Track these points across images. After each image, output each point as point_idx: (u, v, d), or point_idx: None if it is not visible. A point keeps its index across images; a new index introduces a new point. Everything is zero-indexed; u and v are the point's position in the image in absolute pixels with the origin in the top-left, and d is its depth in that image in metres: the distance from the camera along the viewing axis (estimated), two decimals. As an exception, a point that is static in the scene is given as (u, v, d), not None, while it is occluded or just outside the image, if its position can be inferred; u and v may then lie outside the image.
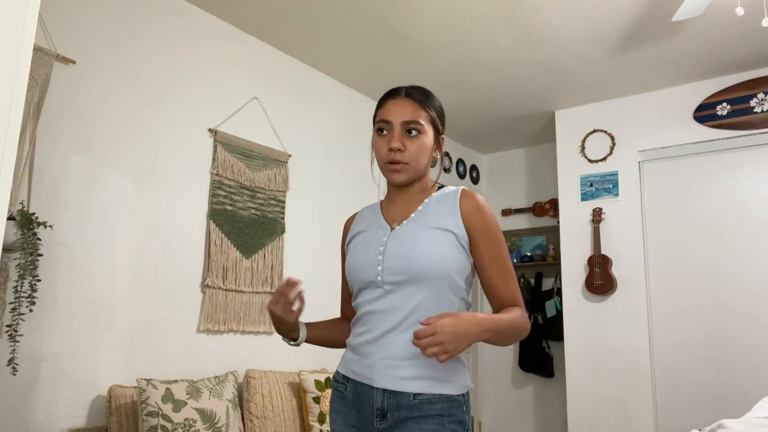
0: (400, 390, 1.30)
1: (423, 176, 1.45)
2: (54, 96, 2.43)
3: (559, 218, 4.41)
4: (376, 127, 1.43)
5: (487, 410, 5.11)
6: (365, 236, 1.45)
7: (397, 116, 1.39)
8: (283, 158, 3.42)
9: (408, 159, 1.38)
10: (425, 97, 1.43)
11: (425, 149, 1.40)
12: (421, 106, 1.41)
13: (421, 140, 1.39)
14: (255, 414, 2.79)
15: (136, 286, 2.66)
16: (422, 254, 1.32)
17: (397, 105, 1.41)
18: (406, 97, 1.42)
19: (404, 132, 1.38)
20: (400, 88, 1.45)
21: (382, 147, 1.40)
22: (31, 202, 2.29)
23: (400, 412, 1.29)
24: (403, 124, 1.38)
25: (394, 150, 1.37)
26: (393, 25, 3.23)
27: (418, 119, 1.39)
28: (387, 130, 1.40)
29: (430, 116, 1.41)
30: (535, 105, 4.35)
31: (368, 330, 1.36)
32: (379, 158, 1.42)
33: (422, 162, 1.40)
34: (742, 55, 3.54)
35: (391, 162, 1.38)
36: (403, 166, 1.38)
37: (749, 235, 3.66)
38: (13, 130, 1.17)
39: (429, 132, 1.41)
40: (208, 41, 3.10)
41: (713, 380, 3.64)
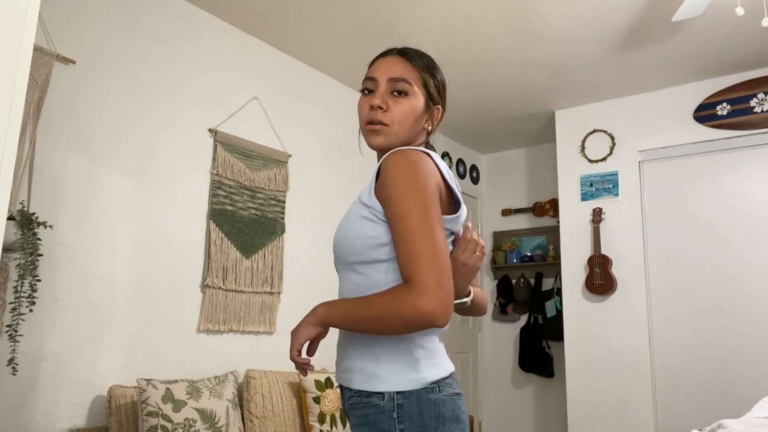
0: (342, 385, 1.15)
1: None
2: (54, 96, 2.43)
3: (559, 218, 4.41)
4: (362, 87, 1.25)
5: (487, 410, 5.11)
6: None
7: (384, 72, 1.22)
8: (283, 158, 3.42)
9: (390, 120, 1.18)
10: (420, 57, 1.25)
11: (411, 113, 1.20)
12: (413, 66, 1.23)
13: (408, 102, 1.20)
14: (255, 414, 2.79)
15: (136, 286, 2.66)
16: (337, 236, 1.16)
17: (386, 62, 1.24)
18: (398, 55, 1.25)
19: (390, 91, 1.20)
20: (395, 48, 1.28)
21: (364, 106, 1.22)
22: (31, 202, 2.29)
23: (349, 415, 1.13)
24: (390, 81, 1.20)
25: (375, 108, 1.19)
26: (393, 25, 3.23)
27: (407, 78, 1.20)
28: (372, 89, 1.22)
29: (422, 77, 1.22)
30: (535, 105, 4.35)
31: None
32: (360, 119, 1.23)
33: (406, 126, 1.20)
34: (742, 55, 3.54)
35: (371, 122, 1.20)
36: (383, 128, 1.19)
37: (749, 235, 3.66)
38: (13, 130, 1.17)
39: (419, 95, 1.21)
40: (208, 41, 3.10)
41: (713, 380, 3.64)
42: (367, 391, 1.06)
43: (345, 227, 1.15)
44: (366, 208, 1.12)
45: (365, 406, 1.06)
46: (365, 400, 1.06)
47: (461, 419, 1.09)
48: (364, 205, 1.13)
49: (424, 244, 1.01)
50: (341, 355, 1.16)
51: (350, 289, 1.14)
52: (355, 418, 1.09)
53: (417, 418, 1.03)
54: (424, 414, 1.04)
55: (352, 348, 1.12)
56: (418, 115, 1.22)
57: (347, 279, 1.16)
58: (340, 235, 1.16)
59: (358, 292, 1.12)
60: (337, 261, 1.19)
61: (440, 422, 1.05)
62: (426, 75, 1.24)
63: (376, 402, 1.05)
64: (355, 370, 1.10)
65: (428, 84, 1.24)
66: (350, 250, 1.12)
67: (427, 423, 1.03)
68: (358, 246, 1.11)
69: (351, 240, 1.12)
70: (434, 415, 1.04)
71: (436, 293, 0.97)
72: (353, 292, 1.13)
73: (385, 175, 1.09)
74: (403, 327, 0.99)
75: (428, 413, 1.04)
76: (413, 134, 1.23)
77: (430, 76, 1.25)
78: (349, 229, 1.13)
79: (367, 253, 1.11)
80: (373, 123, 1.19)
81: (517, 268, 5.02)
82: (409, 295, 0.98)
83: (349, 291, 1.14)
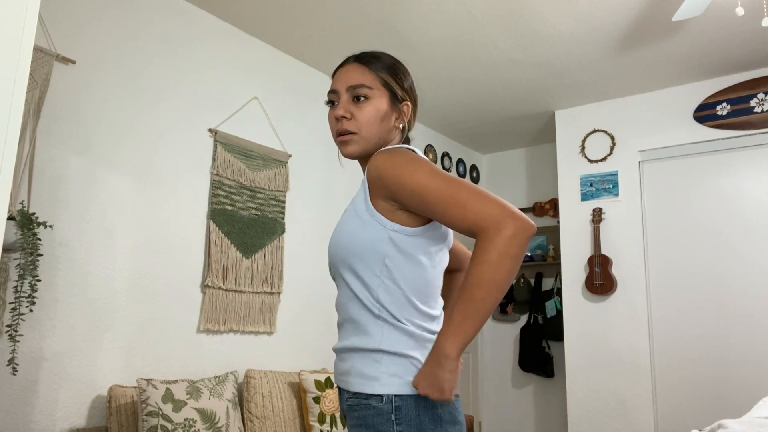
0: (341, 387, 1.15)
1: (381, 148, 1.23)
2: (54, 96, 2.43)
3: (559, 218, 4.41)
4: (326, 100, 1.28)
5: (487, 410, 5.11)
6: None
7: (342, 82, 1.24)
8: (283, 158, 3.42)
9: (356, 128, 1.20)
10: (376, 59, 1.26)
11: (376, 115, 1.21)
12: (370, 69, 1.24)
13: (371, 105, 1.21)
14: (255, 414, 2.79)
15: (136, 286, 2.66)
16: (337, 243, 1.16)
17: (343, 71, 1.26)
18: (355, 62, 1.27)
19: (351, 99, 1.22)
20: (351, 56, 1.30)
21: (331, 119, 1.25)
22: (31, 202, 2.29)
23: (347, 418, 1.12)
24: (348, 89, 1.22)
25: (339, 119, 1.22)
26: (393, 25, 3.23)
27: (365, 83, 1.22)
28: (335, 100, 1.25)
29: (381, 79, 1.23)
30: (535, 105, 4.35)
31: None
32: (332, 132, 1.25)
33: (373, 129, 1.21)
34: (742, 55, 3.54)
35: (340, 134, 1.22)
36: (352, 137, 1.21)
37: (749, 235, 3.66)
38: (13, 130, 1.17)
39: (380, 96, 1.22)
40: (208, 41, 3.10)
41: (713, 380, 3.64)
42: (365, 393, 1.06)
43: (341, 232, 1.16)
44: (355, 212, 1.15)
45: (363, 408, 1.06)
46: (363, 402, 1.06)
47: (458, 420, 1.10)
48: (355, 209, 1.16)
49: (462, 194, 1.02)
50: (340, 356, 1.17)
51: (348, 297, 1.15)
52: (353, 419, 1.09)
53: (415, 421, 1.04)
54: (421, 416, 1.05)
55: (352, 351, 1.13)
56: (384, 115, 1.23)
57: (343, 287, 1.17)
58: (336, 242, 1.16)
59: (355, 299, 1.13)
60: (334, 267, 1.19)
61: (438, 424, 1.06)
62: (384, 75, 1.24)
63: (374, 404, 1.05)
64: (354, 373, 1.11)
65: (389, 83, 1.24)
66: (344, 261, 1.13)
67: (424, 425, 1.04)
68: (351, 253, 1.12)
69: (343, 250, 1.14)
70: (431, 417, 1.05)
71: (509, 218, 0.98)
72: (351, 299, 1.14)
73: (379, 173, 1.11)
74: (519, 262, 0.99)
75: (426, 416, 1.05)
76: (384, 134, 1.24)
77: (389, 74, 1.25)
78: (346, 234, 1.14)
79: (365, 255, 1.11)
80: (342, 134, 1.22)
81: (517, 268, 5.01)
82: (497, 240, 0.97)
83: (348, 299, 1.15)
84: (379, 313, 1.11)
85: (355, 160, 1.26)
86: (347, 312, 1.15)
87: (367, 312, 1.11)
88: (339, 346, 1.17)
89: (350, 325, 1.15)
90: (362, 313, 1.12)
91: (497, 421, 5.05)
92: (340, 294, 1.19)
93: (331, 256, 1.18)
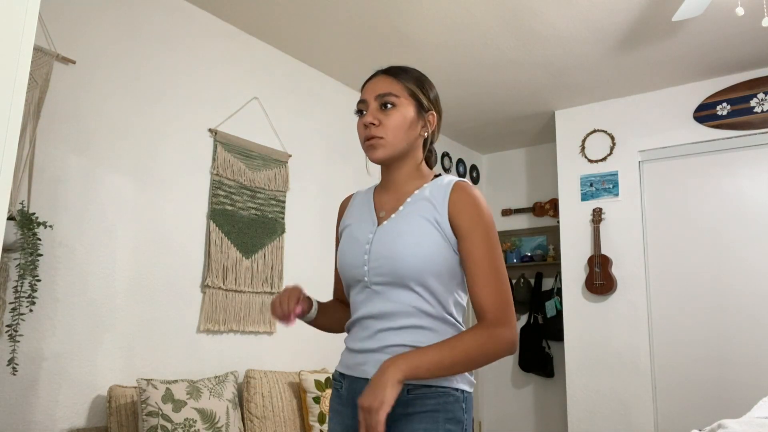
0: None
1: (408, 155, 1.36)
2: (54, 96, 2.43)
3: (559, 218, 4.41)
4: (356, 110, 1.37)
5: (487, 410, 5.11)
6: (353, 230, 1.38)
7: (371, 92, 1.33)
8: (283, 158, 3.42)
9: (383, 133, 1.30)
10: (403, 71, 1.36)
11: (403, 122, 1.31)
12: (397, 80, 1.34)
13: (398, 113, 1.31)
14: (255, 414, 2.79)
15: (136, 286, 2.66)
16: (406, 256, 1.24)
17: (372, 83, 1.36)
18: (383, 74, 1.37)
19: (379, 107, 1.32)
20: (379, 69, 1.39)
21: (360, 126, 1.34)
22: (31, 202, 2.29)
23: (395, 408, 1.18)
24: (377, 98, 1.32)
25: (368, 125, 1.31)
26: (393, 25, 3.23)
27: (392, 91, 1.32)
28: (365, 110, 1.34)
29: (407, 88, 1.33)
30: (535, 105, 4.35)
31: (363, 330, 1.31)
32: (360, 139, 1.35)
33: (400, 136, 1.31)
34: (742, 55, 3.54)
35: (368, 138, 1.31)
36: (379, 141, 1.30)
37: (749, 235, 3.66)
38: (13, 130, 1.17)
39: (407, 105, 1.32)
40: (208, 41, 3.10)
41: (713, 380, 3.64)
42: (443, 386, 1.23)
43: (418, 250, 1.24)
44: (437, 231, 1.25)
45: (440, 395, 1.22)
46: (441, 391, 1.22)
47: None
48: (436, 228, 1.25)
49: (507, 284, 1.24)
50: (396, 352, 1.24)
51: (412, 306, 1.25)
52: (425, 406, 1.22)
53: (469, 411, 1.28)
54: (470, 408, 1.29)
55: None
56: (410, 122, 1.32)
57: (405, 296, 1.25)
58: (410, 257, 1.24)
59: (422, 311, 1.25)
60: (400, 277, 1.25)
61: (470, 415, 1.31)
62: (411, 85, 1.34)
63: (452, 393, 1.24)
64: None
65: (416, 93, 1.34)
66: (423, 274, 1.23)
67: (470, 415, 1.30)
68: (431, 269, 1.24)
69: (425, 263, 1.23)
70: (470, 408, 1.30)
71: (515, 327, 1.23)
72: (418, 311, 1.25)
73: (470, 209, 1.25)
74: (494, 360, 1.20)
75: (471, 408, 1.30)
76: (410, 141, 1.33)
77: (416, 85, 1.35)
78: (426, 252, 1.24)
79: (441, 277, 1.25)
80: (369, 139, 1.31)
81: (517, 268, 5.02)
82: (503, 332, 1.20)
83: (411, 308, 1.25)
84: (451, 319, 1.28)
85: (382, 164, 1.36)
86: (411, 319, 1.25)
87: (440, 321, 1.27)
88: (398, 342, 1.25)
89: (420, 329, 1.25)
90: (434, 323, 1.26)
91: (497, 421, 5.05)
92: (398, 299, 1.26)
93: (399, 266, 1.25)
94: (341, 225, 1.46)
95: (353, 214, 1.43)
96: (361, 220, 1.38)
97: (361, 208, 1.42)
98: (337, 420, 1.33)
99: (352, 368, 1.30)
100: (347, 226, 1.41)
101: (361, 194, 1.47)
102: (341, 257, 1.37)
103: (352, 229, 1.38)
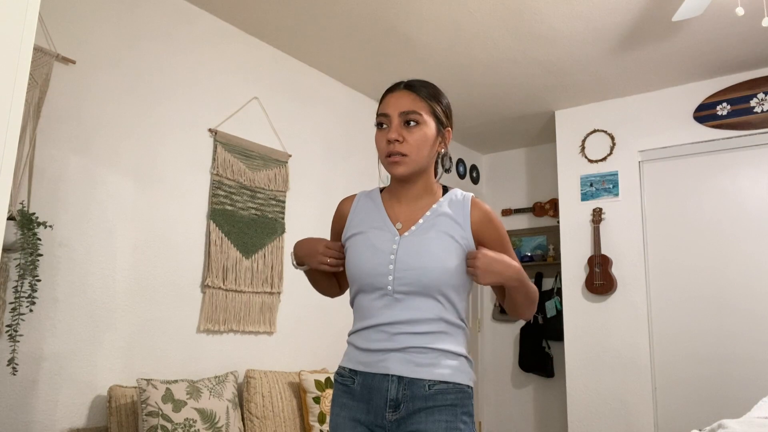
0: (417, 377, 1.30)
1: (425, 171, 1.41)
2: (54, 96, 2.43)
3: (559, 218, 4.41)
4: (376, 122, 1.41)
5: (487, 410, 5.11)
6: (370, 237, 1.40)
7: (394, 108, 1.37)
8: (283, 158, 3.42)
9: (407, 150, 1.35)
10: (425, 87, 1.40)
11: (426, 141, 1.36)
12: (420, 97, 1.37)
13: (421, 131, 1.36)
14: (255, 414, 2.79)
15: (136, 286, 2.66)
16: (433, 269, 1.31)
17: (395, 97, 1.39)
18: (405, 89, 1.39)
19: (403, 123, 1.35)
20: (401, 82, 1.42)
21: (381, 141, 1.38)
22: (31, 202, 2.29)
23: (415, 403, 1.29)
24: (401, 115, 1.35)
25: (392, 141, 1.34)
26: (393, 25, 3.23)
27: (416, 109, 1.36)
28: (386, 124, 1.38)
29: (430, 107, 1.38)
30: (535, 105, 4.35)
31: (379, 333, 1.35)
32: (380, 152, 1.39)
33: (423, 154, 1.36)
34: (742, 55, 3.54)
35: (390, 154, 1.35)
36: (403, 159, 1.35)
37: (749, 235, 3.66)
38: (13, 130, 1.17)
39: (430, 123, 1.37)
40: (208, 41, 3.10)
41: (713, 380, 3.64)
42: (459, 383, 1.33)
43: (447, 264, 1.33)
44: (460, 247, 1.35)
45: (457, 391, 1.32)
46: (457, 387, 1.32)
47: None
48: (458, 243, 1.35)
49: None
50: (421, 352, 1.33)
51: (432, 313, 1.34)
52: (445, 400, 1.30)
53: (474, 404, 1.39)
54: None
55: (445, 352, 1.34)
56: (432, 141, 1.38)
57: (428, 305, 1.34)
58: (440, 270, 1.32)
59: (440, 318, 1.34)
60: (425, 286, 1.33)
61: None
62: (433, 103, 1.39)
63: (466, 390, 1.34)
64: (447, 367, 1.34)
65: (436, 111, 1.39)
66: (449, 285, 1.33)
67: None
68: (456, 282, 1.34)
69: (453, 276, 1.33)
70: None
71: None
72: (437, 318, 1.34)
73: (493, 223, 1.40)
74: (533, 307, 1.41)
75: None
76: (430, 158, 1.40)
77: (436, 103, 1.40)
78: (453, 265, 1.33)
79: (461, 288, 1.37)
80: (392, 155, 1.35)
81: (517, 268, 5.01)
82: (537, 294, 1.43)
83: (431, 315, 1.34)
84: (462, 325, 1.40)
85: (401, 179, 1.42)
86: (432, 325, 1.34)
87: (456, 327, 1.37)
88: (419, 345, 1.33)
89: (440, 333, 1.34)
90: (450, 328, 1.36)
91: (497, 421, 5.05)
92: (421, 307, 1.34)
93: (427, 277, 1.32)
94: (348, 229, 1.47)
95: (363, 220, 1.45)
96: (376, 228, 1.41)
97: (371, 215, 1.45)
98: (345, 414, 1.35)
99: (369, 365, 1.34)
100: (360, 232, 1.43)
101: (365, 199, 1.50)
102: (358, 263, 1.39)
103: (369, 237, 1.40)
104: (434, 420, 1.27)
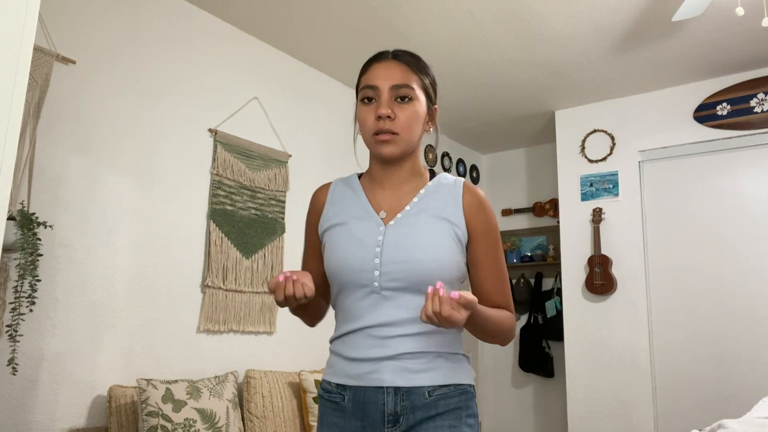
0: (414, 385, 1.17)
1: (414, 152, 1.27)
2: (54, 96, 2.43)
3: (559, 218, 4.41)
4: (360, 95, 1.24)
5: (487, 410, 5.11)
6: (351, 229, 1.24)
7: (385, 80, 1.21)
8: (283, 158, 3.42)
9: (399, 128, 1.20)
10: (415, 59, 1.27)
11: (418, 118, 1.22)
12: (412, 69, 1.24)
13: (413, 107, 1.21)
14: (255, 414, 2.79)
15: (136, 286, 2.66)
16: (425, 261, 1.17)
17: (384, 68, 1.23)
18: (394, 59, 1.25)
19: (394, 98, 1.21)
20: (387, 51, 1.28)
21: (368, 116, 1.21)
22: (31, 202, 2.29)
23: (415, 414, 1.17)
24: (393, 88, 1.20)
25: (382, 117, 1.19)
26: (393, 25, 3.23)
27: (410, 83, 1.22)
28: (374, 97, 1.22)
29: (422, 81, 1.25)
30: (535, 105, 4.35)
31: (367, 339, 1.21)
32: (365, 130, 1.22)
33: (414, 133, 1.23)
34: (742, 55, 3.54)
35: (379, 132, 1.20)
36: (393, 137, 1.20)
37: (749, 235, 3.66)
38: (13, 130, 1.17)
39: (421, 99, 1.24)
40: (208, 41, 3.10)
41: (713, 380, 3.64)
42: (461, 384, 1.23)
43: (438, 255, 1.19)
44: (453, 233, 1.21)
45: (461, 393, 1.22)
46: (461, 388, 1.22)
47: None
48: (451, 229, 1.21)
49: (509, 281, 1.30)
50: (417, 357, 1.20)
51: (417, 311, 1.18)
52: (449, 404, 1.20)
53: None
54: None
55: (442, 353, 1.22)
56: (423, 119, 1.25)
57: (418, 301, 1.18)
58: (431, 263, 1.18)
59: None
60: (410, 283, 1.18)
61: None
62: (423, 76, 1.26)
63: (469, 390, 1.24)
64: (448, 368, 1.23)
65: (426, 85, 1.26)
66: (441, 278, 1.18)
67: None
68: (449, 275, 1.20)
69: (444, 268, 1.19)
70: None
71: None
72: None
73: (485, 211, 1.24)
74: (508, 338, 1.27)
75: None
76: (419, 138, 1.27)
77: (426, 76, 1.27)
78: (445, 257, 1.19)
79: (453, 280, 1.23)
80: (381, 133, 1.20)
81: (517, 268, 5.02)
82: (514, 322, 1.28)
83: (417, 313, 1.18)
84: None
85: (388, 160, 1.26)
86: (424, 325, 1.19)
87: None
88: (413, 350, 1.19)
89: (434, 332, 1.21)
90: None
91: (497, 421, 5.05)
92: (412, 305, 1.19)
93: (418, 271, 1.18)
94: (324, 221, 1.31)
95: (342, 210, 1.29)
96: (357, 218, 1.25)
97: (350, 204, 1.29)
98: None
99: (360, 377, 1.19)
100: (338, 224, 1.27)
101: (342, 186, 1.34)
102: (338, 259, 1.23)
103: (350, 228, 1.24)
104: (437, 427, 1.16)
